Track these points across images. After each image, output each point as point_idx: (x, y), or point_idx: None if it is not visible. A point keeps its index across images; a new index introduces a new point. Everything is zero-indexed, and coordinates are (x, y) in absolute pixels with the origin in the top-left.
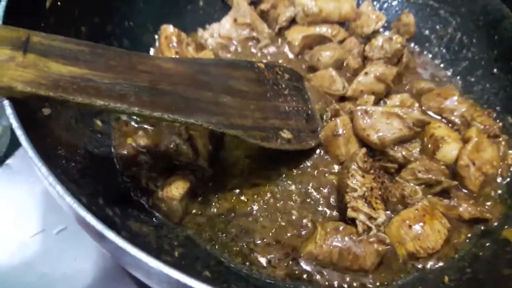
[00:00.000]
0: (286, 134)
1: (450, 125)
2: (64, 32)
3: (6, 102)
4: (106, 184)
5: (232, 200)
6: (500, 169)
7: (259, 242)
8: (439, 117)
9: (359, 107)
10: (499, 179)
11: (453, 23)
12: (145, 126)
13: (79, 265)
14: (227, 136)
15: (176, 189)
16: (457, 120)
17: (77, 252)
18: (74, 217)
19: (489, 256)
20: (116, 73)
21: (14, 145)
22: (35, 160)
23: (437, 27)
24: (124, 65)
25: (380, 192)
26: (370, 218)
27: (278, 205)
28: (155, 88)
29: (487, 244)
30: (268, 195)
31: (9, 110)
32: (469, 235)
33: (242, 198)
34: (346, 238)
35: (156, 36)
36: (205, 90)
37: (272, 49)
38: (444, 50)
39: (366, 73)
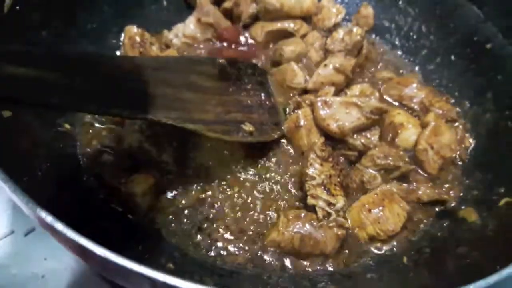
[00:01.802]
0: (248, 127)
1: (410, 111)
2: (23, 36)
3: None
4: (70, 184)
5: (198, 194)
6: (458, 152)
7: (223, 232)
8: (399, 105)
9: (319, 98)
10: (456, 162)
11: (412, 13)
12: (109, 126)
13: (50, 265)
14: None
15: (139, 186)
16: (416, 107)
17: (47, 252)
18: (36, 219)
19: (446, 235)
20: (72, 73)
21: None
22: None
23: (396, 17)
24: (80, 65)
25: (339, 179)
26: (329, 204)
27: (242, 196)
28: (113, 86)
29: (445, 224)
30: (233, 186)
31: None
32: (428, 216)
33: (207, 191)
34: (307, 225)
35: (121, 38)
36: (165, 87)
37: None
38: (403, 40)
39: (325, 65)
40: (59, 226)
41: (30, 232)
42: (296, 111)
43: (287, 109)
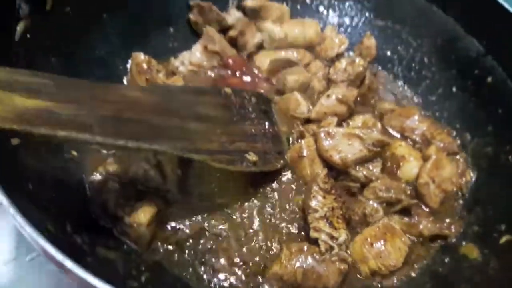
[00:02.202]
0: (252, 157)
1: (411, 143)
2: (33, 63)
3: None
4: (75, 211)
5: (201, 223)
6: (459, 186)
7: (225, 263)
8: (401, 136)
9: (322, 129)
10: (457, 196)
11: (414, 44)
12: (115, 153)
13: None
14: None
15: (143, 215)
16: (418, 139)
17: (50, 278)
18: (38, 248)
19: (448, 272)
20: (79, 104)
21: None
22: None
23: (399, 48)
24: (87, 95)
25: (341, 212)
26: (332, 237)
27: (245, 226)
28: (119, 117)
29: (446, 260)
30: (236, 217)
31: None
32: (429, 251)
33: (211, 221)
34: (310, 258)
35: (128, 64)
36: (171, 117)
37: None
38: (405, 71)
39: (328, 96)
40: (67, 262)
41: (33, 258)
42: (299, 140)
43: (290, 139)
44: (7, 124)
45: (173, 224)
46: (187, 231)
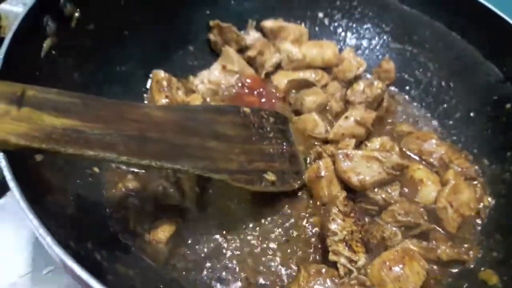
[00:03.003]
0: (270, 177)
1: (429, 166)
2: (57, 79)
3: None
4: (95, 227)
5: (218, 241)
6: (477, 211)
7: (242, 284)
8: (418, 159)
9: (340, 151)
10: (476, 221)
11: (432, 68)
12: (134, 170)
13: None
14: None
15: (163, 232)
16: (435, 163)
17: None
18: (62, 265)
19: None
20: (106, 123)
21: (6, 185)
22: (27, 211)
23: (416, 71)
24: (113, 115)
25: (360, 235)
26: (351, 261)
27: (263, 245)
28: (143, 136)
29: (465, 286)
30: (254, 236)
31: (3, 163)
32: (447, 276)
33: (229, 239)
34: (328, 281)
35: (148, 81)
36: (192, 136)
37: None
38: (423, 94)
39: (346, 117)
40: (90, 280)
41: (50, 271)
42: (316, 160)
43: (308, 159)
44: (36, 144)
45: (190, 241)
46: (205, 249)
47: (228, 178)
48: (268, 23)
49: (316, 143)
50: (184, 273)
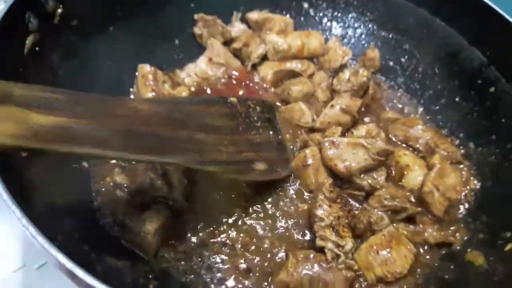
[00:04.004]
0: (259, 166)
1: (415, 152)
2: (42, 76)
3: None
4: (83, 220)
5: (207, 231)
6: (463, 194)
7: (232, 271)
8: (405, 145)
9: (326, 139)
10: (462, 204)
11: (417, 55)
12: (123, 163)
13: None
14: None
15: (151, 224)
16: (421, 148)
17: (58, 286)
18: (49, 256)
19: (453, 278)
20: (93, 119)
21: None
22: (10, 203)
23: (402, 59)
24: (100, 110)
25: (347, 220)
26: (338, 246)
27: (251, 234)
28: (131, 131)
29: (452, 267)
30: (242, 224)
31: None
32: (434, 258)
33: (218, 228)
34: (316, 266)
35: (134, 76)
36: (180, 129)
37: None
38: (409, 81)
39: (332, 106)
40: (77, 271)
41: (41, 266)
42: (303, 149)
43: (294, 147)
44: (22, 143)
45: (180, 232)
46: (194, 239)
47: (218, 170)
48: (253, 15)
49: (303, 131)
50: (174, 263)
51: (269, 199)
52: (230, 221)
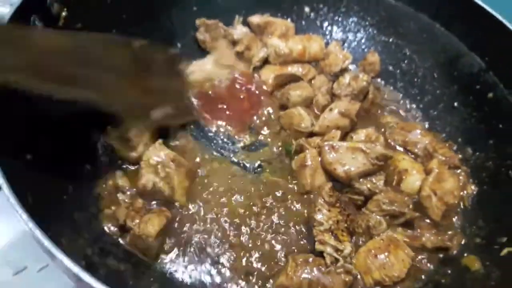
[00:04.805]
0: (161, 110)
1: (414, 157)
2: None
3: None
4: (86, 224)
5: (208, 234)
6: (460, 199)
7: (231, 274)
8: (403, 150)
9: (326, 143)
10: (460, 209)
11: (416, 60)
12: (124, 166)
13: None
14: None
15: (152, 227)
16: (420, 153)
17: None
18: (52, 259)
19: (450, 283)
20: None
21: None
22: (17, 207)
23: (402, 63)
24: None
25: (346, 225)
26: (337, 250)
27: (252, 236)
28: (36, 63)
29: (449, 272)
30: (243, 227)
31: None
32: (431, 263)
33: (218, 231)
34: (315, 270)
35: None
36: (82, 66)
37: None
38: (408, 85)
39: (331, 109)
40: (81, 274)
41: (43, 268)
42: (306, 151)
43: (291, 150)
44: None
45: (181, 234)
46: (194, 241)
47: (122, 111)
48: (255, 19)
49: (301, 137)
50: (175, 266)
51: (270, 202)
52: (231, 223)
